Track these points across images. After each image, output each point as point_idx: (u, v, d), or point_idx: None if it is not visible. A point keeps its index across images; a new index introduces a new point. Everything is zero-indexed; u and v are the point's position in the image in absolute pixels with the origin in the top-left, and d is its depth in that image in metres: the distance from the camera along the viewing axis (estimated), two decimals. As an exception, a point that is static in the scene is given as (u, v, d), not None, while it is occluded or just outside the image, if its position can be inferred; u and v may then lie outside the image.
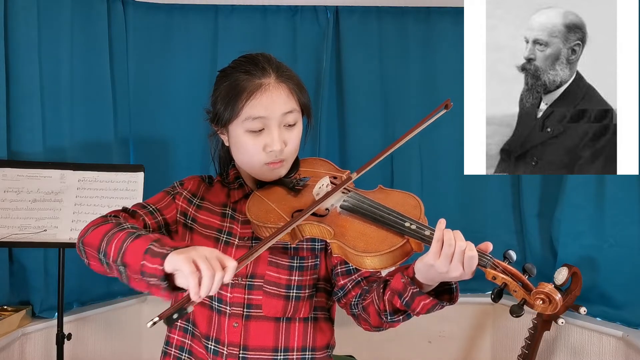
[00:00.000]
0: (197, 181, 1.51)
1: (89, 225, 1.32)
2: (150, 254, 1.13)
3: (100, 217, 1.35)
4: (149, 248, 1.14)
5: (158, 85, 2.84)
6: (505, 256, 1.19)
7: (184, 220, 1.45)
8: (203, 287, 1.06)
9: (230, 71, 1.39)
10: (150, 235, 1.18)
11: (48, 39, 2.49)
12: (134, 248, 1.16)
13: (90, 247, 1.27)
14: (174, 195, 1.47)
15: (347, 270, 1.42)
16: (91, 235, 1.27)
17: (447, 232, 1.15)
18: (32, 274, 2.45)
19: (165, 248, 1.13)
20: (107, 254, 1.21)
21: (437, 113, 1.41)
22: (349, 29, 2.89)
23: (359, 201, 1.29)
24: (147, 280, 1.13)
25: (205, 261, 1.07)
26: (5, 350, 2.25)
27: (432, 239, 1.16)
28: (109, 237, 1.22)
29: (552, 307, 1.12)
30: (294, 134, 1.39)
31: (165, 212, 1.44)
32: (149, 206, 1.43)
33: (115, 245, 1.20)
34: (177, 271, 1.09)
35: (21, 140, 2.43)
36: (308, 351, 1.41)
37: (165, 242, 1.15)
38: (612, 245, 2.46)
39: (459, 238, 1.15)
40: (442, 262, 1.15)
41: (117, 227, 1.25)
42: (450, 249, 1.14)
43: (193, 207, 1.46)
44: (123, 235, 1.20)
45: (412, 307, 1.23)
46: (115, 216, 1.36)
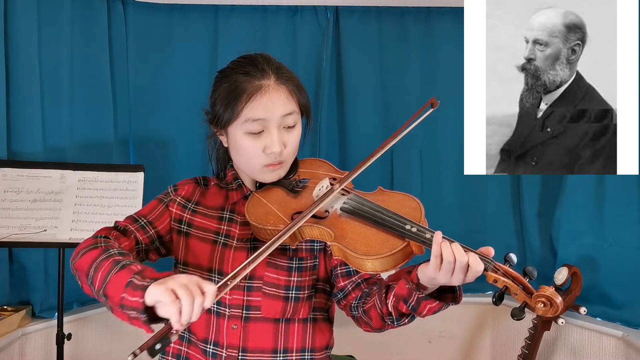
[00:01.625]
0: (192, 185, 1.49)
1: (81, 246, 1.31)
2: (131, 287, 1.12)
3: (92, 237, 1.34)
4: (130, 281, 1.13)
5: (158, 85, 2.84)
6: (506, 259, 1.19)
7: (179, 226, 1.44)
8: (184, 315, 1.06)
9: (229, 72, 1.38)
10: (132, 267, 1.17)
11: (48, 39, 2.49)
12: (116, 280, 1.16)
13: (81, 273, 1.27)
14: (167, 203, 1.46)
15: (347, 271, 1.42)
16: (81, 261, 1.27)
17: (445, 247, 1.15)
18: (32, 274, 2.45)
19: (145, 280, 1.12)
20: (94, 283, 1.21)
21: (424, 113, 1.40)
22: (349, 29, 2.88)
23: (359, 203, 1.29)
24: (128, 313, 1.13)
25: (184, 289, 1.07)
26: (5, 350, 2.25)
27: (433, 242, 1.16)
28: (97, 265, 1.22)
29: (553, 310, 1.12)
30: (293, 136, 1.39)
31: (158, 223, 1.43)
32: (141, 219, 1.42)
33: (101, 275, 1.19)
34: (158, 302, 1.09)
35: (21, 140, 2.43)
36: (307, 352, 1.40)
37: (146, 274, 1.14)
38: (612, 245, 2.47)
39: (458, 253, 1.15)
40: (443, 275, 1.16)
41: (105, 253, 1.24)
42: (450, 265, 1.14)
43: (188, 212, 1.45)
44: (109, 265, 1.19)
45: (418, 311, 1.23)
46: (106, 237, 1.34)
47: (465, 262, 1.14)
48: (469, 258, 1.14)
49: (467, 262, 1.14)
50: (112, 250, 1.25)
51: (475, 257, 1.15)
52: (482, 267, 1.15)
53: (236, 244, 1.40)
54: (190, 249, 1.42)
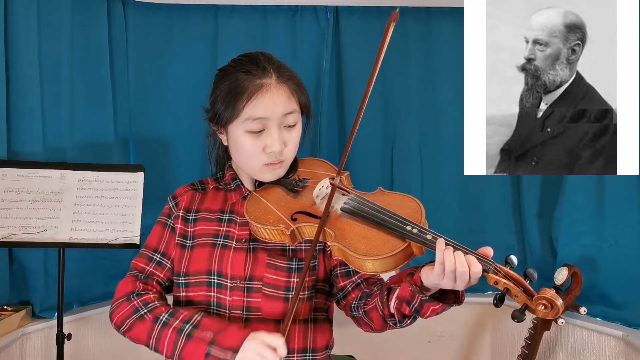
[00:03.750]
0: (190, 193, 1.49)
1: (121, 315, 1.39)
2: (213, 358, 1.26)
3: (124, 300, 1.40)
4: (209, 354, 1.26)
5: (158, 85, 2.84)
6: (507, 261, 1.19)
7: (183, 241, 1.45)
8: None
9: (230, 70, 1.38)
10: (201, 335, 1.28)
11: (48, 39, 2.48)
12: (192, 352, 1.28)
13: (137, 341, 1.36)
14: (171, 226, 1.47)
15: (347, 271, 1.42)
16: (133, 333, 1.36)
17: (447, 254, 1.16)
18: (32, 274, 2.45)
19: (226, 353, 1.25)
20: (160, 351, 1.33)
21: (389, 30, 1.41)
22: (349, 29, 2.88)
23: (359, 204, 1.29)
24: None
25: (260, 358, 1.22)
26: (5, 350, 2.25)
27: (434, 244, 1.16)
28: (156, 337, 1.32)
29: (554, 312, 1.12)
30: (293, 135, 1.39)
31: (170, 251, 1.46)
32: (155, 255, 1.45)
33: (168, 346, 1.30)
34: None
35: (21, 140, 2.42)
36: (308, 352, 1.41)
37: (220, 343, 1.26)
38: (612, 245, 2.46)
39: (459, 262, 1.15)
40: (447, 281, 1.17)
41: (157, 323, 1.33)
42: (452, 274, 1.15)
43: (190, 224, 1.45)
44: (172, 335, 1.30)
45: (421, 313, 1.23)
46: (137, 294, 1.40)
47: (466, 271, 1.14)
48: (470, 267, 1.15)
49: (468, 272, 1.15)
50: (162, 316, 1.33)
51: (475, 262, 1.15)
52: (480, 269, 1.15)
53: (235, 245, 1.40)
54: (193, 259, 1.42)
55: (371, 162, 2.86)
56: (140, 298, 1.38)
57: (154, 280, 1.44)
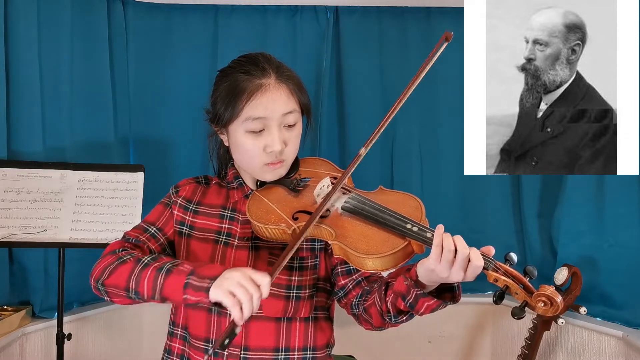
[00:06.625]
0: (193, 185, 1.50)
1: (102, 264, 1.33)
2: (191, 288, 1.19)
3: (109, 254, 1.35)
4: (187, 283, 1.20)
5: (158, 85, 2.84)
6: (507, 258, 1.19)
7: (180, 228, 1.45)
8: (245, 312, 1.15)
9: (230, 71, 1.39)
10: (180, 267, 1.23)
11: (48, 39, 2.48)
12: (171, 285, 1.22)
13: (115, 288, 1.30)
14: (171, 206, 1.47)
15: (348, 270, 1.42)
16: (113, 278, 1.30)
17: (446, 237, 1.16)
18: (32, 274, 2.45)
19: (204, 281, 1.19)
20: (140, 293, 1.26)
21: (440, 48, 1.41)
22: (349, 29, 2.89)
23: (360, 202, 1.29)
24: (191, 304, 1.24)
25: (241, 289, 1.15)
26: (5, 350, 2.25)
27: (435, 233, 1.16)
28: (136, 278, 1.26)
29: (554, 310, 1.12)
30: (294, 134, 1.39)
31: (167, 229, 1.45)
32: (150, 227, 1.44)
33: (147, 284, 1.24)
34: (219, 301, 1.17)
35: (21, 140, 2.42)
36: (309, 351, 1.41)
37: (199, 273, 1.20)
38: (612, 245, 2.46)
39: (460, 244, 1.15)
40: (443, 267, 1.16)
41: (138, 264, 1.28)
42: (450, 254, 1.14)
43: (190, 213, 1.45)
44: (152, 273, 1.25)
45: (416, 309, 1.23)
46: (123, 249, 1.36)
47: (467, 254, 1.14)
48: (470, 252, 1.15)
49: (468, 255, 1.14)
50: (144, 259, 1.29)
51: (477, 252, 1.16)
52: (482, 262, 1.15)
53: (237, 243, 1.40)
54: (192, 250, 1.42)
55: (371, 162, 2.86)
56: (127, 251, 1.35)
57: (144, 246, 1.41)
